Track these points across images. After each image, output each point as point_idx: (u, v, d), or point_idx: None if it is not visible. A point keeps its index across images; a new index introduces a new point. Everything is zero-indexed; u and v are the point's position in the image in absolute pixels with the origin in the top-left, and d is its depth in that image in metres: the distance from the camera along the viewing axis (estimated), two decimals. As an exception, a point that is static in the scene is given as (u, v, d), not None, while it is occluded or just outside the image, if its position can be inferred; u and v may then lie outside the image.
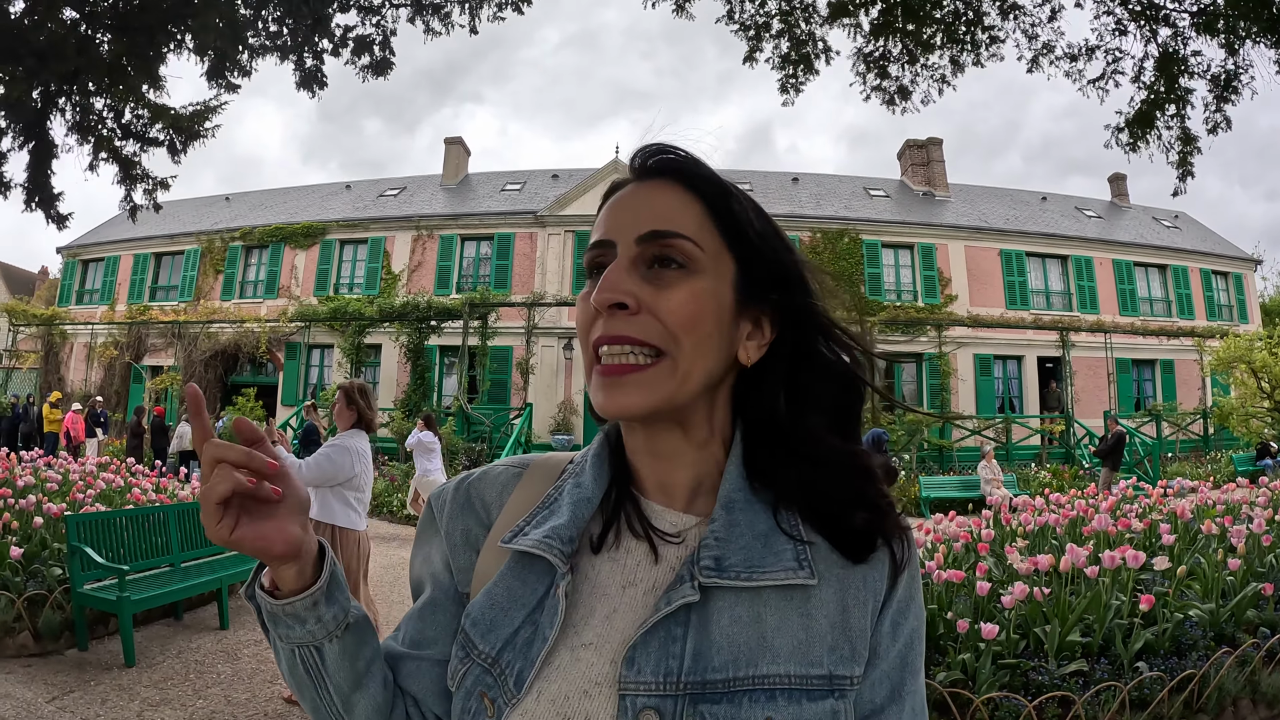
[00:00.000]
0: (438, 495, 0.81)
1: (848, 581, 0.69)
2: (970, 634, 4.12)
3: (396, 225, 23.67)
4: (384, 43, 6.26)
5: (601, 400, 0.68)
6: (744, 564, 0.66)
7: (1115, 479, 12.89)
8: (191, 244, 24.78)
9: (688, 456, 0.73)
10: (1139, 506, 7.29)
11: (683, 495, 0.74)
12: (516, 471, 0.81)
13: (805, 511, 0.71)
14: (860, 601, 0.69)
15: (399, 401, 20.38)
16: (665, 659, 0.64)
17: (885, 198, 25.89)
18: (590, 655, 0.66)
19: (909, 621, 0.72)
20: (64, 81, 4.95)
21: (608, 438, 0.79)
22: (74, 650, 5.03)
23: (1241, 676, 4.15)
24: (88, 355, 24.00)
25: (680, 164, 0.72)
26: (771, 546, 0.68)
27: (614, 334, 0.67)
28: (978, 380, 21.92)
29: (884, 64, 6.16)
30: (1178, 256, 24.79)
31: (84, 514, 5.54)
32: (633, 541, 0.73)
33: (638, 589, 0.70)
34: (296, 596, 0.69)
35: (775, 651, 0.65)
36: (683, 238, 0.68)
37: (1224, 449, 18.40)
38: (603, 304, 0.67)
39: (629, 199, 0.72)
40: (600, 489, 0.74)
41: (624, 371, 0.67)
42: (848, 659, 0.66)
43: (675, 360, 0.67)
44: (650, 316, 0.67)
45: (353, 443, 4.38)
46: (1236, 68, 5.38)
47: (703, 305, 0.68)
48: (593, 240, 0.72)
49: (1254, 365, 13.47)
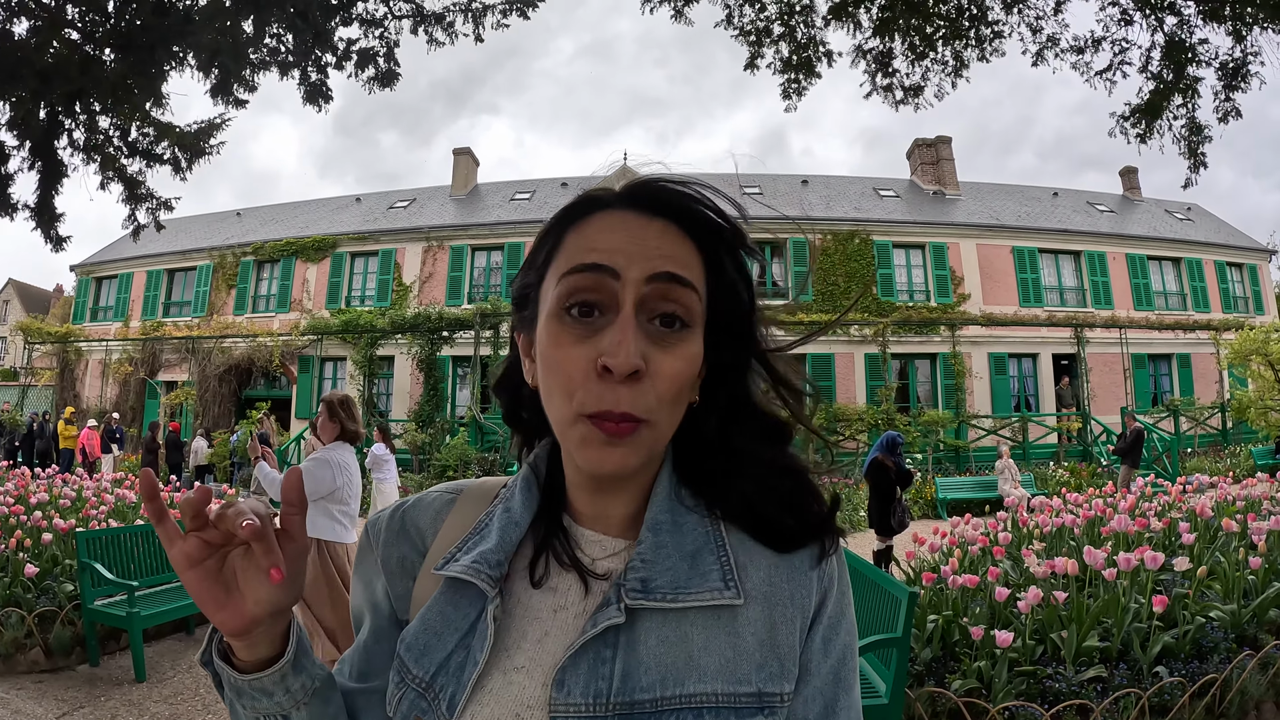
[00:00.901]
0: (374, 524, 0.80)
1: (775, 599, 0.69)
2: (986, 641, 4.05)
3: (407, 237, 23.76)
4: (388, 54, 6.26)
5: (598, 458, 0.65)
6: (670, 585, 0.67)
7: (1134, 476, 12.75)
8: (204, 260, 24.98)
9: (629, 492, 0.73)
10: (1158, 504, 7.18)
11: (619, 523, 0.73)
12: (450, 498, 0.81)
13: (733, 513, 0.72)
14: (788, 619, 0.69)
15: (412, 413, 20.44)
16: (595, 680, 0.64)
17: (895, 198, 25.78)
18: (522, 678, 0.66)
19: (840, 637, 0.72)
20: (69, 101, 5.00)
21: (535, 464, 0.78)
22: (85, 666, 5.08)
23: (1264, 679, 4.06)
24: (103, 372, 24.23)
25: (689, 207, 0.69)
26: (699, 567, 0.68)
27: (621, 410, 0.63)
28: (993, 379, 21.75)
29: (887, 62, 6.13)
30: (1191, 249, 24.51)
31: (94, 530, 5.58)
32: (564, 569, 0.72)
33: (569, 612, 0.70)
34: (263, 672, 0.67)
35: (702, 670, 0.65)
36: (693, 289, 0.67)
37: (1243, 443, 18.16)
38: (624, 371, 0.62)
39: (631, 231, 0.67)
40: (529, 514, 0.74)
41: (622, 434, 0.64)
42: (777, 676, 0.66)
43: (654, 426, 0.66)
44: (649, 383, 0.64)
45: (335, 456, 4.35)
46: (1245, 55, 5.31)
47: (693, 371, 0.68)
48: (582, 261, 0.66)
49: (1270, 357, 13.29)
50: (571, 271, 0.66)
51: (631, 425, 0.64)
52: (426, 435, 18.32)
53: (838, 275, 22.08)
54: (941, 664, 4.19)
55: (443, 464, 16.04)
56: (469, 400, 20.48)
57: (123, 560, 5.49)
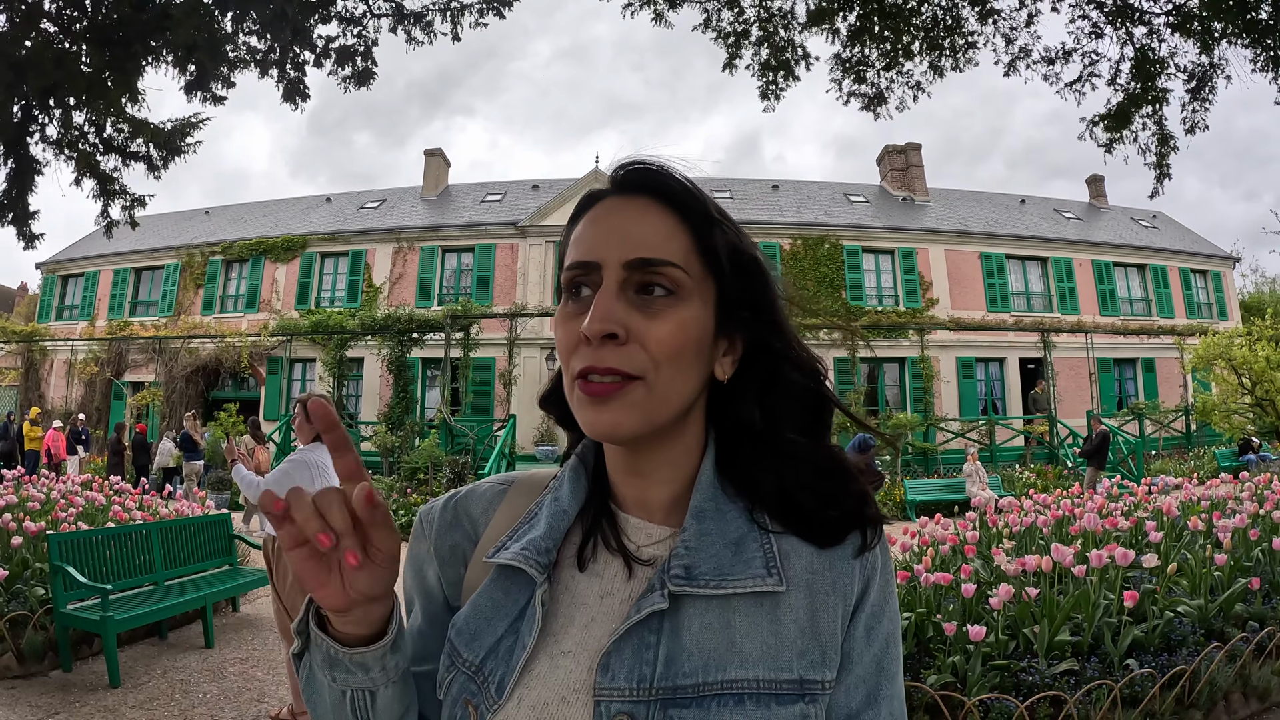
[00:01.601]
0: (427, 513, 0.83)
1: (817, 587, 0.70)
2: (959, 636, 4.12)
3: (377, 238, 23.56)
4: (366, 53, 6.22)
5: (589, 419, 0.68)
6: (714, 572, 0.68)
7: (1100, 478, 12.98)
8: (171, 258, 24.56)
9: (665, 473, 0.75)
10: (1124, 504, 7.33)
11: (660, 508, 0.76)
12: (501, 488, 0.83)
13: (776, 510, 0.73)
14: (829, 606, 0.70)
15: (382, 415, 20.26)
16: (639, 665, 0.66)
17: (865, 203, 26.05)
18: (568, 663, 0.68)
19: (883, 625, 0.73)
20: (43, 96, 4.91)
21: (584, 455, 0.80)
22: (58, 671, 4.96)
23: (1232, 671, 4.18)
24: (68, 372, 23.71)
25: (667, 184, 0.72)
26: (742, 554, 0.69)
27: (604, 365, 0.67)
28: (960, 383, 22.06)
29: (863, 69, 6.21)
30: (1156, 256, 25.06)
31: (66, 533, 5.46)
32: (610, 555, 0.74)
33: (615, 598, 0.71)
34: (367, 647, 0.67)
35: (744, 656, 0.66)
36: (672, 265, 0.69)
37: (1206, 445, 18.57)
38: (595, 335, 0.67)
39: (613, 217, 0.71)
40: (577, 503, 0.76)
41: (607, 392, 0.67)
42: (818, 663, 0.68)
43: (650, 385, 0.68)
44: (637, 346, 0.68)
45: (310, 457, 4.30)
46: (1212, 67, 5.46)
47: (688, 334, 0.69)
48: (574, 259, 0.71)
49: (1234, 361, 13.62)
50: (568, 269, 0.72)
51: (618, 385, 0.67)
52: (396, 437, 18.15)
53: (808, 280, 22.27)
54: (916, 659, 4.25)
55: (413, 465, 15.90)
56: (439, 402, 20.34)
57: (95, 563, 5.37)
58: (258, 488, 4.35)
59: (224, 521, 6.85)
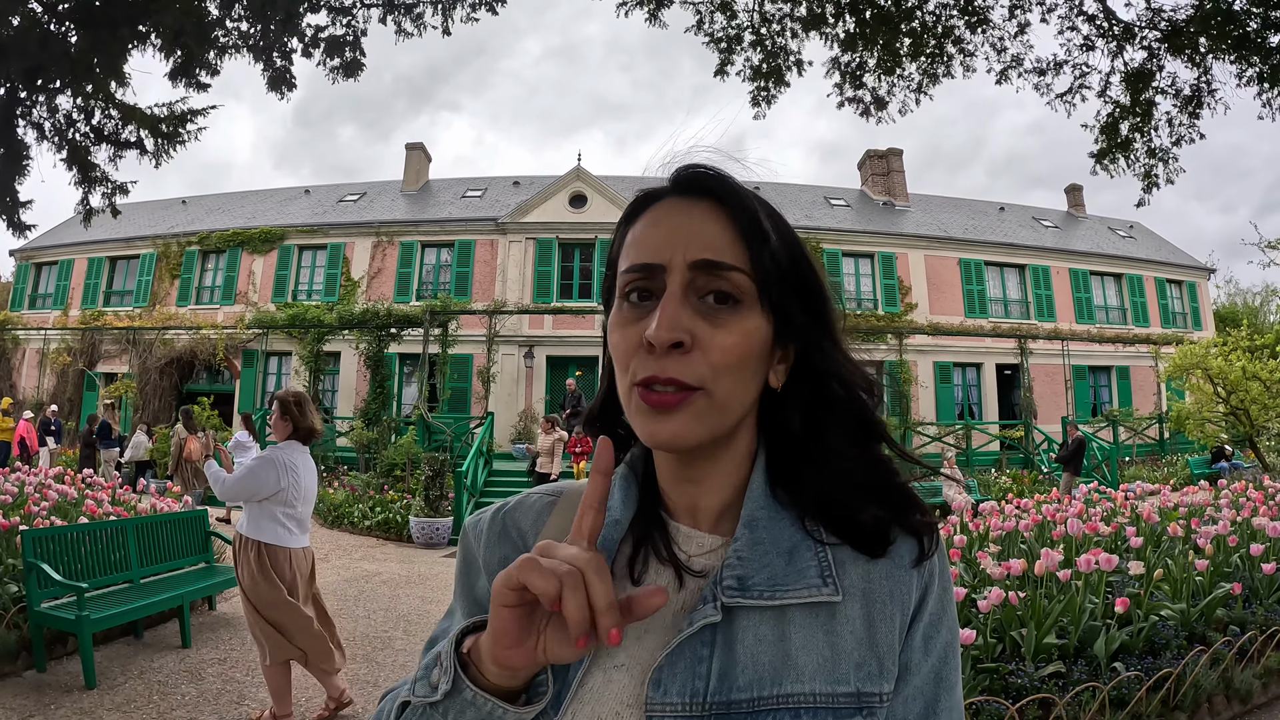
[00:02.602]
0: (475, 525, 0.82)
1: (873, 596, 0.68)
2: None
3: (356, 231, 23.31)
4: (354, 43, 6.14)
5: (651, 430, 0.67)
6: (767, 582, 0.67)
7: (1076, 483, 13.15)
8: (147, 248, 24.14)
9: (718, 480, 0.74)
10: (1103, 510, 7.42)
11: (711, 516, 0.74)
12: (550, 500, 0.82)
13: (826, 519, 0.71)
14: (886, 616, 0.68)
15: (359, 410, 20.07)
16: (692, 679, 0.64)
17: (846, 207, 26.19)
18: (622, 677, 0.67)
19: (942, 635, 0.71)
20: (28, 78, 4.77)
21: (633, 463, 0.79)
22: (32, 672, 4.81)
23: (1215, 674, 4.24)
24: (40, 361, 23.27)
25: (731, 187, 0.71)
26: (795, 563, 0.68)
27: (666, 375, 0.65)
28: (938, 387, 22.24)
29: (858, 75, 6.22)
30: (1133, 265, 25.42)
31: (41, 529, 5.32)
32: (661, 564, 0.73)
33: (667, 610, 0.69)
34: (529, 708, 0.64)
35: (800, 670, 0.65)
36: (738, 270, 0.68)
37: (1179, 452, 18.86)
38: (662, 344, 0.65)
39: (676, 218, 0.70)
40: (629, 512, 0.75)
41: (670, 403, 0.66)
42: (875, 675, 0.66)
43: (711, 396, 0.66)
44: (700, 355, 0.66)
45: (281, 455, 4.13)
46: (1201, 83, 5.52)
47: (751, 344, 0.68)
48: (635, 261, 0.69)
49: (1210, 371, 13.83)
50: (628, 270, 0.70)
51: (680, 395, 0.65)
52: (373, 433, 17.99)
53: (789, 282, 22.33)
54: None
55: (390, 462, 15.77)
56: (416, 398, 20.18)
57: (70, 560, 5.23)
58: (224, 484, 4.20)
59: (200, 518, 6.72)
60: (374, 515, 12.25)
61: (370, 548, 10.60)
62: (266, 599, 4.04)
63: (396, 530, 11.68)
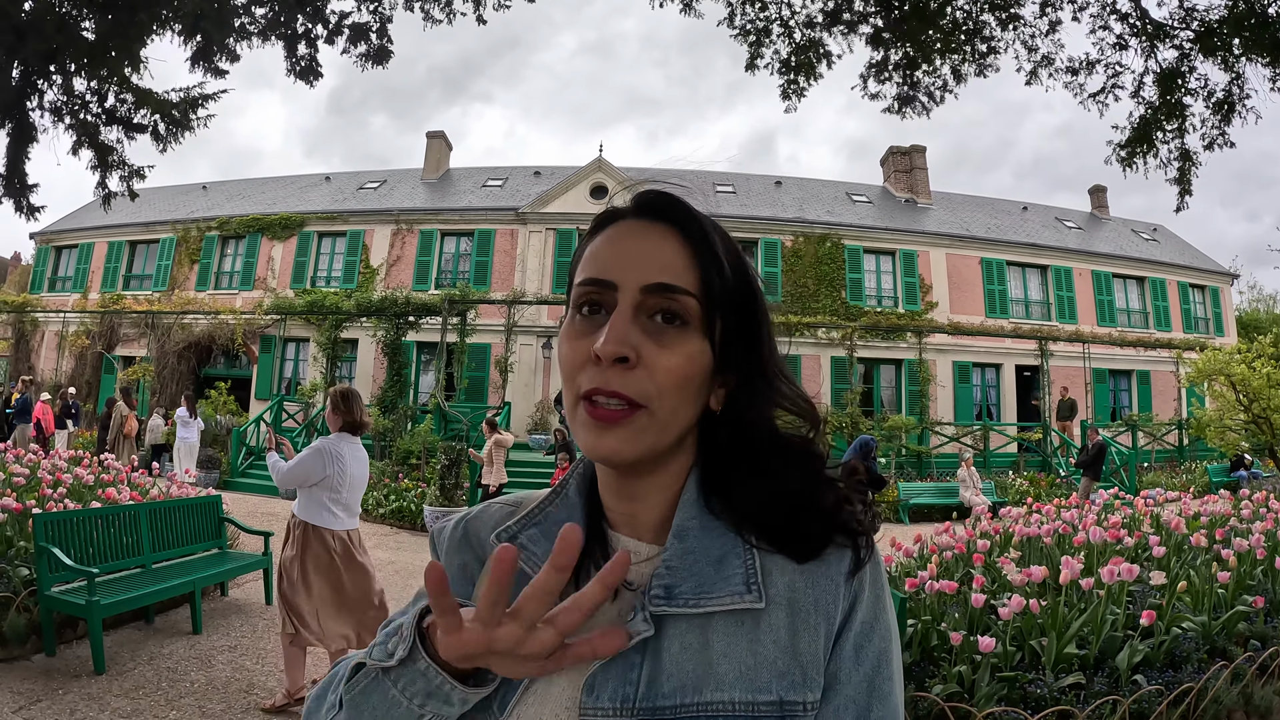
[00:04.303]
0: (439, 533, 0.86)
1: (798, 605, 0.69)
2: (965, 646, 4.06)
3: (376, 219, 23.39)
4: (381, 30, 6.08)
5: (591, 443, 0.70)
6: (694, 590, 0.68)
7: (1095, 488, 12.97)
8: (167, 233, 24.33)
9: (655, 496, 0.76)
10: (1122, 517, 7.29)
11: (650, 528, 0.76)
12: (509, 510, 0.84)
13: (758, 526, 0.72)
14: (810, 625, 0.68)
15: (375, 398, 20.13)
16: (623, 686, 0.67)
17: (868, 203, 25.99)
18: (562, 680, 0.70)
19: (874, 643, 0.70)
20: (44, 61, 4.76)
21: (584, 473, 0.81)
22: (41, 656, 4.82)
23: (1236, 689, 4.15)
24: (59, 344, 23.51)
25: (688, 214, 0.73)
26: (723, 571, 0.69)
27: (609, 389, 0.68)
28: (956, 387, 22.05)
29: (888, 71, 6.11)
30: (1156, 269, 25.09)
31: (53, 513, 5.33)
32: None
33: (603, 618, 0.72)
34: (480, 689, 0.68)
35: (720, 678, 0.66)
36: (689, 294, 0.70)
37: (1198, 459, 18.61)
38: (608, 356, 0.67)
39: (632, 239, 0.72)
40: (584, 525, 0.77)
41: (613, 419, 0.68)
42: (799, 684, 0.66)
43: (654, 414, 0.69)
44: (645, 372, 0.68)
45: (329, 445, 4.47)
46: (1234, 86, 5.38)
47: (695, 366, 0.70)
48: (588, 275, 0.72)
49: (1234, 378, 13.59)
50: (581, 284, 0.72)
51: (624, 411, 0.68)
52: (390, 421, 18.01)
53: (808, 278, 22.22)
54: (921, 668, 4.19)
55: (406, 450, 15.79)
56: (433, 387, 20.22)
57: (81, 544, 5.23)
58: (281, 472, 4.49)
59: (214, 504, 6.73)
60: (388, 503, 12.28)
61: (384, 536, 10.62)
62: (293, 578, 4.34)
63: (410, 519, 11.73)
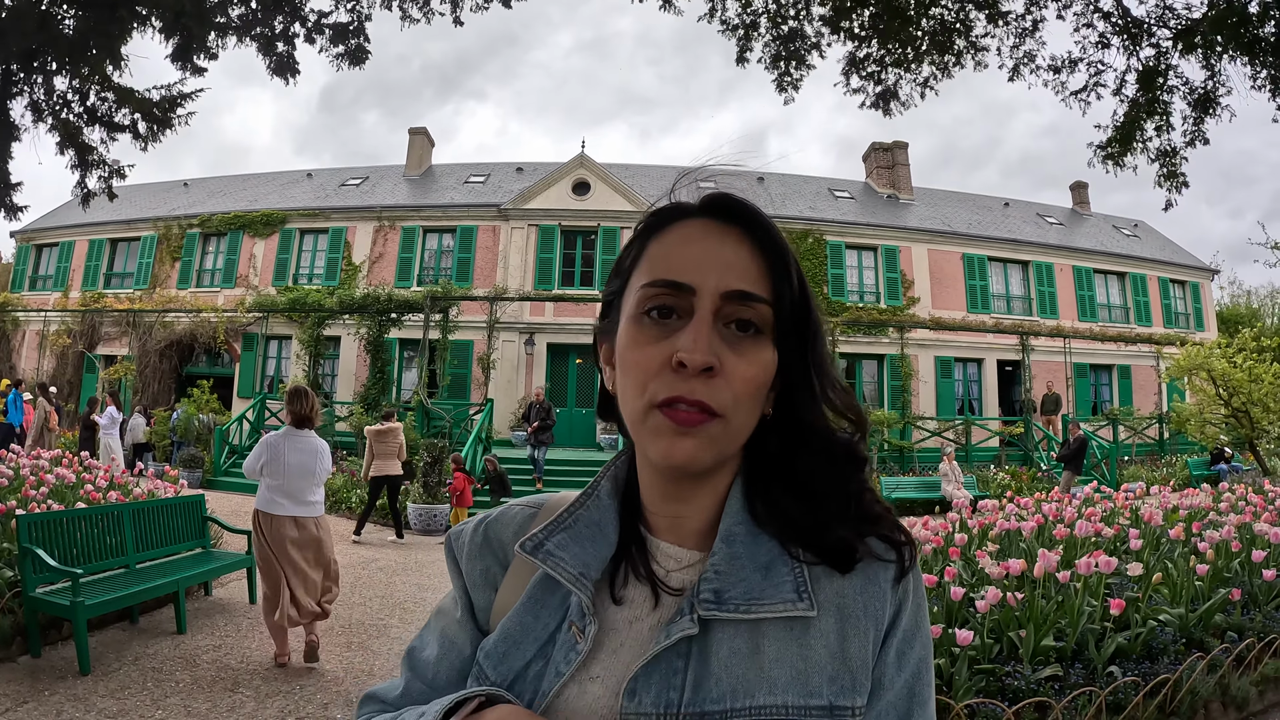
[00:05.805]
0: (457, 537, 0.85)
1: (847, 611, 0.69)
2: (944, 639, 4.11)
3: (358, 215, 23.23)
4: (359, 30, 6.06)
5: (666, 450, 0.67)
6: (743, 596, 0.68)
7: (1076, 482, 13.13)
8: (148, 230, 24.07)
9: (703, 500, 0.74)
10: (1102, 510, 7.39)
11: (694, 533, 0.75)
12: (531, 512, 0.84)
13: (802, 536, 0.72)
14: (860, 631, 0.69)
15: (358, 395, 20.04)
16: (666, 690, 0.66)
17: (850, 199, 26.08)
18: (596, 688, 0.69)
19: (915, 650, 0.72)
20: (25, 60, 4.72)
21: (615, 477, 0.80)
22: (26, 657, 4.80)
23: (1212, 681, 4.22)
24: (40, 343, 23.25)
25: (762, 220, 0.72)
26: (772, 578, 0.69)
27: (694, 397, 0.66)
28: (938, 382, 22.20)
29: (871, 68, 6.15)
30: (1137, 264, 25.35)
31: (36, 514, 5.30)
32: (638, 580, 0.75)
33: (644, 624, 0.72)
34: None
35: (773, 682, 0.66)
36: (765, 303, 0.69)
37: (1178, 453, 18.84)
38: (697, 366, 0.65)
39: (709, 241, 0.70)
40: (617, 529, 0.76)
41: (694, 423, 0.66)
42: (848, 689, 0.67)
43: (728, 422, 0.67)
44: (724, 381, 0.67)
45: (270, 437, 5.05)
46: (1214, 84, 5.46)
47: (767, 376, 0.70)
48: (662, 276, 0.69)
49: (1214, 372, 13.77)
50: (651, 284, 0.69)
51: (703, 417, 0.66)
52: (373, 418, 17.95)
53: (791, 274, 22.27)
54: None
55: (390, 448, 15.71)
56: (416, 384, 20.14)
57: (65, 545, 5.22)
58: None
59: (197, 503, 6.71)
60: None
61: (367, 533, 10.59)
62: (259, 555, 4.99)
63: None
